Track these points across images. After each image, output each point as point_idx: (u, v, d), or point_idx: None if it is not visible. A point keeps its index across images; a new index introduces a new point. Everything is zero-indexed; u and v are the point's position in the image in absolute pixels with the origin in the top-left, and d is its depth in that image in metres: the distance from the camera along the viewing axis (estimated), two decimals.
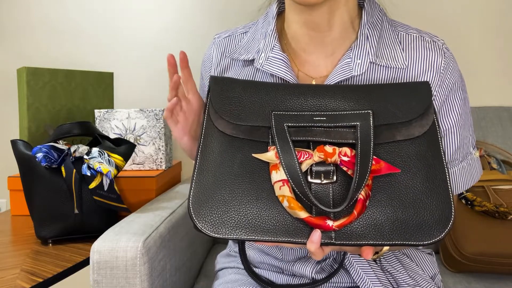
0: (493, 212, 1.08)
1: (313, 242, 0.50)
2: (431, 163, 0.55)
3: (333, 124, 0.55)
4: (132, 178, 1.09)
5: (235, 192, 0.53)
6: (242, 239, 0.51)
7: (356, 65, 0.66)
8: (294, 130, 0.55)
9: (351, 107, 0.57)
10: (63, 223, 0.90)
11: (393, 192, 0.53)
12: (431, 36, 0.69)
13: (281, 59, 0.68)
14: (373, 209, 0.52)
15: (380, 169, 0.52)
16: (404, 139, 0.56)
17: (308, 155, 0.53)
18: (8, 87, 1.55)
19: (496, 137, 1.29)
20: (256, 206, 0.52)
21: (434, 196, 0.53)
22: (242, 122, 0.56)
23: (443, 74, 0.68)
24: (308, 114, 0.56)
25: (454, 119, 0.69)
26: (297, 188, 0.50)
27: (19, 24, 1.55)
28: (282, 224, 0.51)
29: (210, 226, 0.51)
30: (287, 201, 0.50)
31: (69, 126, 0.96)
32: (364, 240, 0.51)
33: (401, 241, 0.51)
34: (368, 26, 0.68)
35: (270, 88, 0.59)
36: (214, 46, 0.77)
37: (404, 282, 0.71)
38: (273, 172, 0.52)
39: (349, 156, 0.52)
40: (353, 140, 0.54)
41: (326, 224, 0.50)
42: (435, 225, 0.51)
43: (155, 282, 0.78)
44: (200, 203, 0.52)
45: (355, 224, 0.51)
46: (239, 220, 0.51)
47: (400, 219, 0.52)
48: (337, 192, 0.53)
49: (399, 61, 0.67)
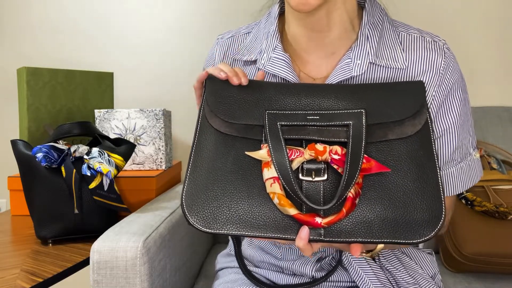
0: (493, 212, 1.08)
1: (301, 238, 0.51)
2: (422, 162, 0.55)
3: (326, 123, 0.55)
4: (132, 178, 1.09)
5: (227, 189, 0.53)
6: (233, 234, 0.52)
7: (356, 66, 0.66)
8: (287, 129, 0.55)
9: (344, 106, 0.57)
10: (63, 223, 0.90)
11: (383, 190, 0.53)
12: (432, 36, 0.69)
13: (283, 60, 0.68)
14: (363, 207, 0.53)
15: (370, 168, 0.53)
16: (396, 138, 0.56)
17: (299, 153, 0.53)
18: (8, 87, 1.55)
19: (496, 137, 1.29)
20: (247, 203, 0.53)
21: (424, 195, 0.53)
22: (236, 121, 0.57)
23: (442, 74, 0.68)
24: (302, 113, 0.57)
25: (452, 119, 0.69)
26: (287, 185, 0.51)
27: (19, 24, 1.55)
28: (272, 220, 0.52)
29: (202, 221, 0.52)
30: (277, 198, 0.51)
31: (69, 126, 0.96)
32: (353, 238, 0.52)
33: (390, 239, 0.51)
34: (368, 27, 0.68)
35: (265, 87, 0.60)
36: (218, 46, 0.77)
37: (404, 281, 0.71)
38: (264, 169, 0.53)
39: (339, 155, 0.53)
40: (345, 139, 0.54)
41: (314, 221, 0.50)
42: (425, 224, 0.52)
43: (155, 282, 0.78)
44: (193, 199, 0.53)
45: (344, 222, 0.52)
46: (231, 216, 0.52)
47: (389, 217, 0.52)
48: (327, 189, 0.54)
49: (399, 61, 0.67)
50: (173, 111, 1.50)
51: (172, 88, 1.54)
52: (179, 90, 1.53)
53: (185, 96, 1.52)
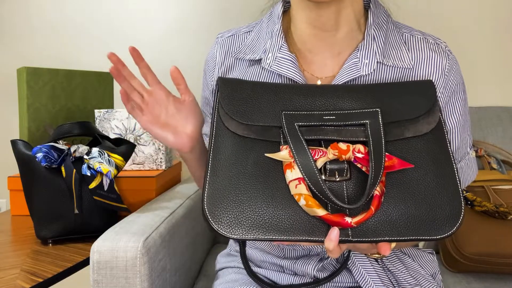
0: (493, 212, 1.08)
1: (332, 240, 0.49)
2: (440, 159, 0.55)
3: (343, 123, 0.55)
4: (132, 178, 1.09)
5: (249, 192, 0.52)
6: (259, 239, 0.50)
7: (364, 65, 0.66)
8: (305, 129, 0.55)
9: (359, 106, 0.57)
10: (63, 223, 0.90)
11: (405, 188, 0.53)
12: (434, 39, 0.70)
13: (290, 60, 0.68)
14: (387, 206, 0.52)
15: (393, 165, 0.53)
16: (412, 136, 0.56)
17: (322, 153, 0.53)
18: (8, 87, 1.55)
19: (496, 137, 1.29)
20: (271, 206, 0.51)
21: (444, 191, 0.53)
22: (253, 122, 0.56)
23: (447, 76, 0.69)
24: (318, 113, 0.56)
25: (456, 120, 0.70)
26: (314, 186, 0.50)
27: (19, 24, 1.55)
28: (298, 222, 0.51)
29: (226, 226, 0.51)
30: (304, 199, 0.50)
31: (69, 126, 0.96)
32: (380, 237, 0.51)
33: (415, 236, 0.51)
34: (374, 27, 0.68)
35: (278, 88, 0.60)
36: (218, 45, 0.76)
37: (405, 281, 0.72)
38: (287, 171, 0.52)
39: (363, 153, 0.53)
40: (364, 138, 0.54)
41: (344, 221, 0.50)
42: (446, 220, 0.52)
43: (155, 282, 0.78)
44: (215, 204, 0.52)
45: (369, 221, 0.52)
46: (255, 220, 0.51)
47: (413, 214, 0.52)
48: (351, 189, 0.53)
49: (405, 61, 0.68)
50: None
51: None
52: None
53: None
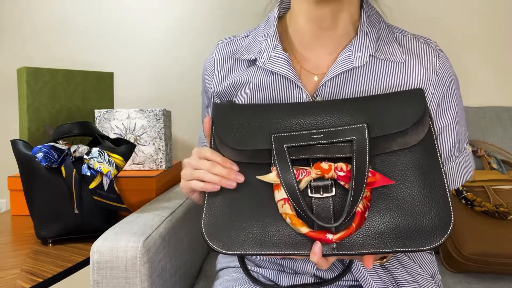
0: (493, 212, 1.08)
1: (315, 253, 0.53)
2: (428, 170, 0.56)
3: (330, 141, 0.57)
4: (132, 178, 1.09)
5: (242, 213, 0.57)
6: (250, 254, 0.56)
7: (356, 58, 0.69)
8: (294, 150, 0.57)
9: (347, 122, 0.59)
10: (63, 223, 0.90)
11: (391, 201, 0.55)
12: (425, 39, 0.73)
13: (283, 58, 0.71)
14: (373, 219, 0.54)
15: (375, 181, 0.55)
16: (400, 149, 0.57)
17: (306, 173, 0.56)
18: (8, 87, 1.55)
19: (496, 137, 1.29)
20: (262, 224, 0.56)
21: (432, 202, 0.54)
22: (245, 147, 0.59)
23: (439, 73, 0.71)
24: (306, 133, 0.58)
25: (451, 117, 0.72)
26: (296, 205, 0.54)
27: (19, 24, 1.55)
28: (286, 238, 0.55)
29: (222, 245, 0.57)
30: (289, 218, 0.55)
31: (69, 126, 0.96)
32: (366, 249, 0.53)
33: (402, 248, 0.53)
34: (367, 24, 0.71)
35: (268, 110, 0.62)
36: (216, 50, 0.80)
37: (405, 281, 0.72)
38: (275, 191, 0.57)
39: (344, 171, 0.55)
40: (349, 153, 0.56)
41: (326, 238, 0.53)
42: (434, 231, 0.53)
43: (155, 282, 0.78)
44: (212, 225, 0.58)
45: (356, 234, 0.54)
46: (247, 237, 0.56)
47: (399, 227, 0.53)
48: (337, 204, 0.56)
49: (397, 55, 0.71)
50: (173, 111, 1.50)
51: (172, 88, 1.54)
52: (179, 90, 1.53)
53: (185, 96, 1.52)
